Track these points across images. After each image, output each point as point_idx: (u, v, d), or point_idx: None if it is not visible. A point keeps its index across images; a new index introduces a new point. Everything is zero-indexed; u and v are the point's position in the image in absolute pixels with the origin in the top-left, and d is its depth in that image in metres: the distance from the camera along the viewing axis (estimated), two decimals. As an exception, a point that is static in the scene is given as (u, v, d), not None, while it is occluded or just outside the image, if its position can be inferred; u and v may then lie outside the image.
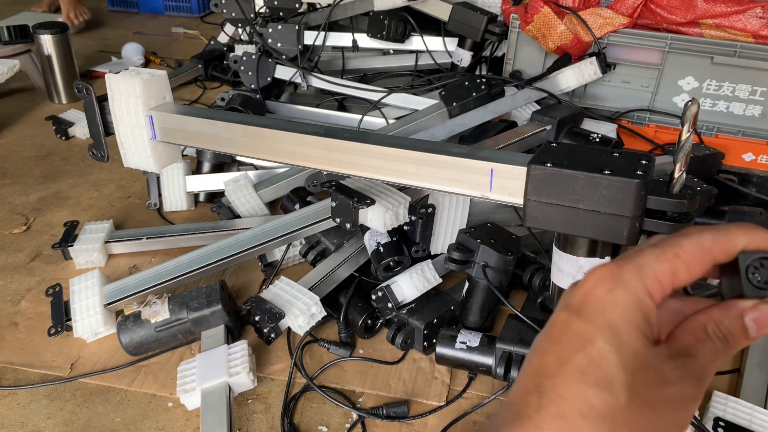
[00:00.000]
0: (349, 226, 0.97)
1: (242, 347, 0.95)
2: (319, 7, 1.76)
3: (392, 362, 1.03)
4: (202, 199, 1.47)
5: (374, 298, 1.03)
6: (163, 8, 3.09)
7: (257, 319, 0.96)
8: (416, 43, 1.66)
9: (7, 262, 1.29)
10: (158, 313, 1.01)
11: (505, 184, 0.72)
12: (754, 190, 1.36)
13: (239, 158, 1.48)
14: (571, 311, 0.32)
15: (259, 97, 1.53)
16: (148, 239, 1.26)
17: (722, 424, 0.85)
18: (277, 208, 1.37)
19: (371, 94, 1.51)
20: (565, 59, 1.43)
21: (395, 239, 1.07)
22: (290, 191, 1.28)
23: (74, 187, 1.56)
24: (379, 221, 0.97)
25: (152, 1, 3.10)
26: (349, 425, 0.92)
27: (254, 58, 1.54)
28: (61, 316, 1.07)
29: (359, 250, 1.12)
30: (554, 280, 0.72)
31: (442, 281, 1.05)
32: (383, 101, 1.48)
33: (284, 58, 1.59)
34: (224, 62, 1.80)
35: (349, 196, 0.96)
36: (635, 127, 1.48)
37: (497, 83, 1.36)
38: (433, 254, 1.12)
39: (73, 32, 2.54)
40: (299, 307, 0.97)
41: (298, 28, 1.60)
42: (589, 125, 1.37)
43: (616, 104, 1.50)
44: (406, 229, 1.10)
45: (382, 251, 1.04)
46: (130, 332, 1.00)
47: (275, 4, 1.70)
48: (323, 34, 1.64)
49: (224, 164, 1.48)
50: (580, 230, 0.64)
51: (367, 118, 1.46)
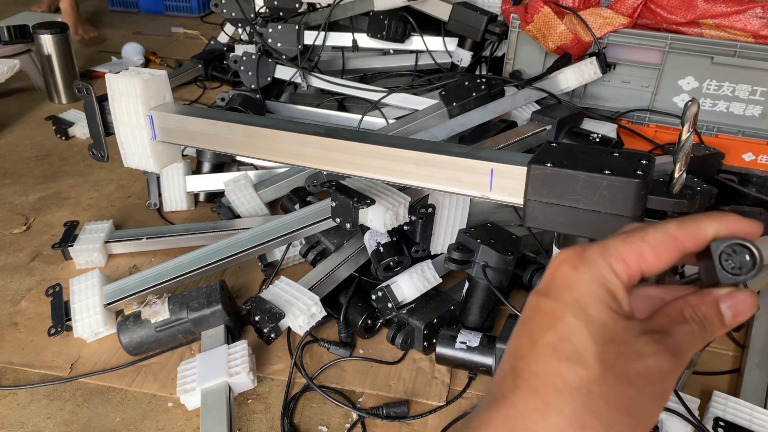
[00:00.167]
0: (349, 226, 0.97)
1: (242, 347, 0.95)
2: (319, 7, 1.76)
3: (392, 362, 1.03)
4: (202, 199, 1.47)
5: (374, 298, 1.03)
6: (163, 8, 3.09)
7: (257, 319, 0.96)
8: (416, 43, 1.66)
9: (7, 262, 1.29)
10: (158, 313, 1.01)
11: (505, 184, 0.72)
12: (754, 190, 1.36)
13: (239, 158, 1.48)
14: (539, 293, 0.33)
15: (259, 97, 1.53)
16: (148, 239, 1.27)
17: (722, 424, 0.85)
18: (277, 208, 1.37)
19: (371, 94, 1.51)
20: (565, 59, 1.43)
21: (395, 239, 1.07)
22: (290, 191, 1.28)
23: (74, 187, 1.56)
24: (379, 221, 0.97)
25: (152, 1, 3.10)
26: (349, 425, 0.92)
27: (254, 58, 1.54)
28: (61, 316, 1.07)
29: (359, 250, 1.12)
30: (554, 280, 0.72)
31: (442, 281, 1.05)
32: (383, 101, 1.48)
33: (284, 58, 1.59)
34: (224, 62, 1.80)
35: (349, 196, 0.96)
36: (635, 127, 1.48)
37: (497, 83, 1.36)
38: (433, 254, 1.12)
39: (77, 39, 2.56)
40: (299, 307, 0.97)
41: (298, 28, 1.60)
42: (589, 125, 1.37)
43: (616, 104, 1.50)
44: (406, 229, 1.10)
45: (382, 251, 1.04)
46: (130, 332, 1.00)
47: (275, 4, 1.70)
48: (323, 34, 1.64)
49: (224, 164, 1.48)
50: (580, 230, 0.64)
51: (367, 118, 1.46)
